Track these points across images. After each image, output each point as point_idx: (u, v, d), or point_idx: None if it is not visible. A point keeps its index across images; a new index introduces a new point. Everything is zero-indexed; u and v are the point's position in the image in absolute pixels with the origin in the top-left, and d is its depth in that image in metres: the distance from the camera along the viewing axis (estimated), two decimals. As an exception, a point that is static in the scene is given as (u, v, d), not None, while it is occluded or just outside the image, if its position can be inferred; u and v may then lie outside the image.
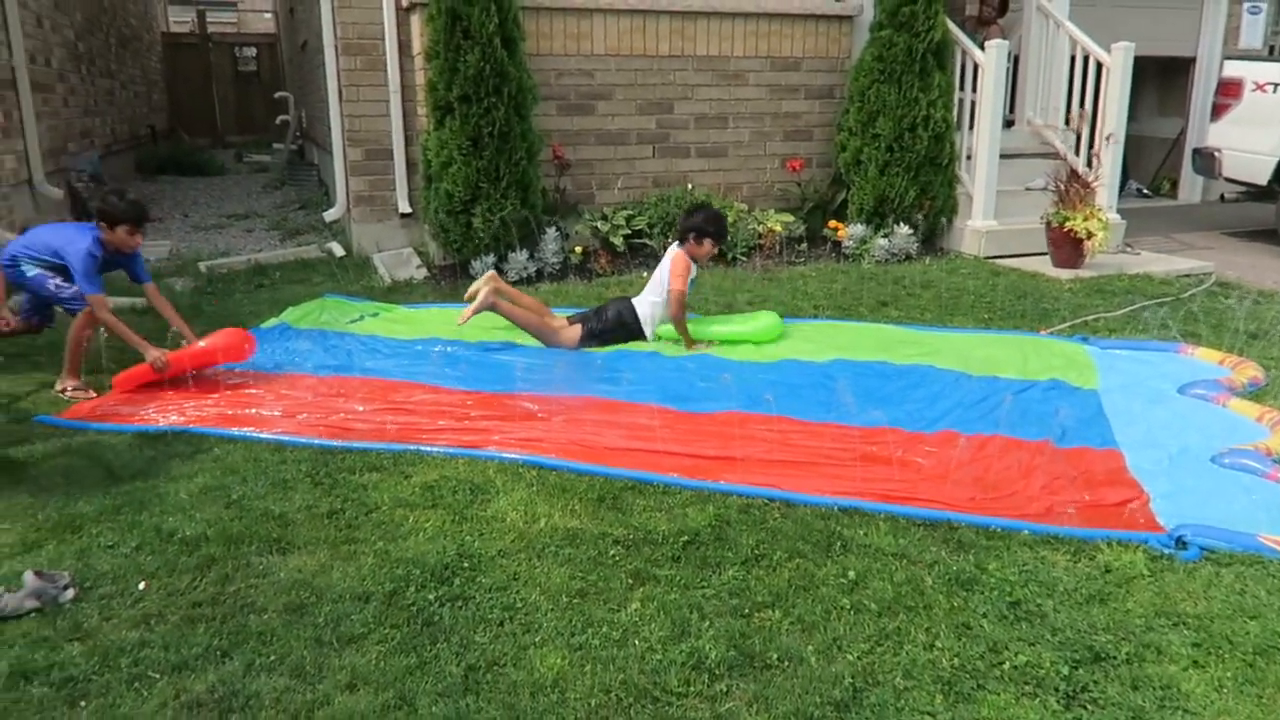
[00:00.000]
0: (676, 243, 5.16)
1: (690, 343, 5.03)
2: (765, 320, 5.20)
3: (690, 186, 7.43)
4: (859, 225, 7.22)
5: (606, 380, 4.49)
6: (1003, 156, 7.26)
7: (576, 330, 5.06)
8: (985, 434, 3.84)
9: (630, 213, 7.05)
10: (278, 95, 13.34)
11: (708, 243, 5.11)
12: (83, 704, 2.33)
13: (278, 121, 12.92)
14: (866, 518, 3.21)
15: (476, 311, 4.99)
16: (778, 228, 7.16)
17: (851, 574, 2.88)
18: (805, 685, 2.40)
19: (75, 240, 4.40)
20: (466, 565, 2.92)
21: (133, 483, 3.48)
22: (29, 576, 2.76)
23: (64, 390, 4.42)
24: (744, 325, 5.23)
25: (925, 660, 2.49)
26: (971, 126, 7.38)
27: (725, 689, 2.40)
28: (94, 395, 4.40)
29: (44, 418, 4.08)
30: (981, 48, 7.19)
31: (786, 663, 2.49)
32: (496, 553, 3.00)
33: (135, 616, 2.68)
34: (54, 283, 4.50)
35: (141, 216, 4.49)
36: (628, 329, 5.09)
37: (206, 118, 16.90)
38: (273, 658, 2.50)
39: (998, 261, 6.99)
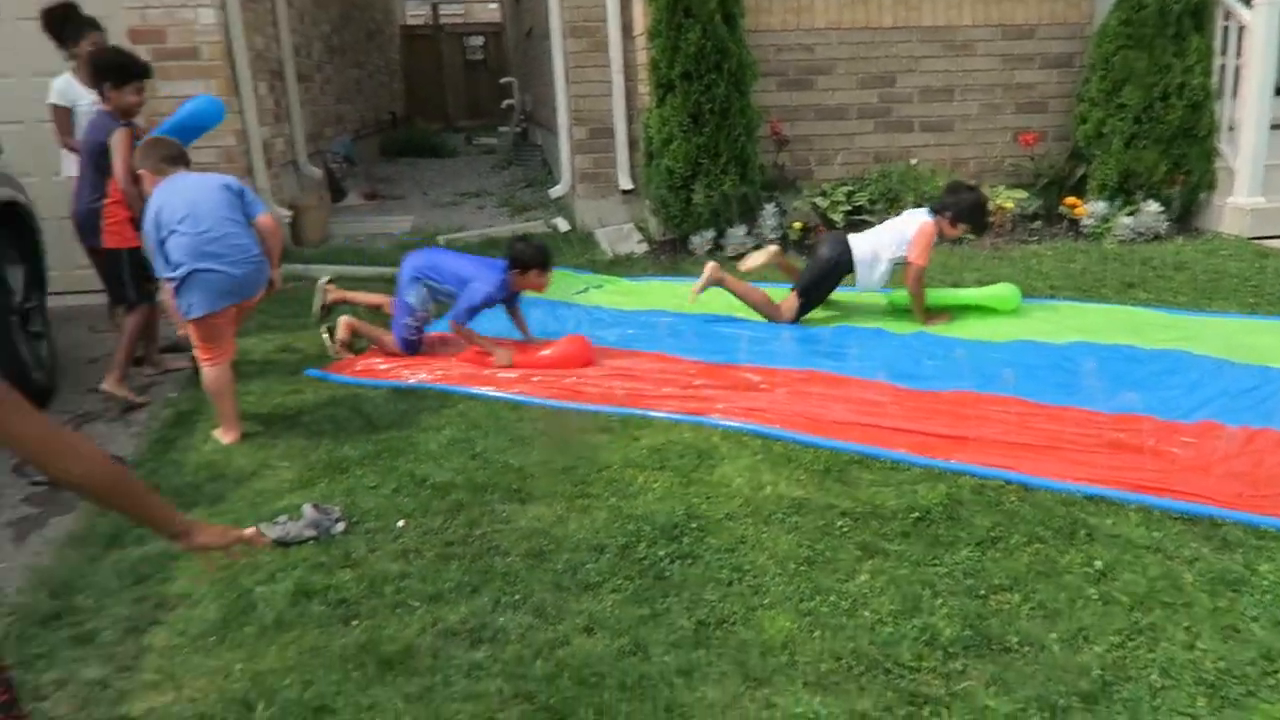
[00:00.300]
0: (928, 211, 4.90)
1: (926, 317, 4.86)
2: (1003, 288, 4.97)
3: (914, 162, 7.18)
4: (1100, 202, 6.72)
5: (831, 355, 4.44)
6: (1274, 127, 6.54)
7: (794, 298, 5.01)
8: (1254, 426, 3.50)
9: (850, 188, 6.91)
10: (503, 81, 14.02)
11: (962, 227, 4.87)
12: (354, 623, 2.58)
13: (503, 105, 13.58)
14: (1114, 507, 3.01)
15: (705, 286, 5.01)
16: (1009, 205, 6.80)
17: (1099, 564, 2.72)
18: (1048, 673, 2.30)
19: (486, 276, 4.50)
20: (695, 526, 2.99)
21: (389, 432, 3.79)
22: (307, 509, 3.08)
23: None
24: (980, 291, 5.02)
25: (1185, 660, 2.32)
26: (1235, 94, 6.68)
27: (961, 668, 2.34)
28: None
29: (312, 371, 4.52)
30: (1248, 5, 6.49)
31: (1027, 648, 2.39)
32: (724, 516, 3.05)
33: (396, 550, 2.93)
34: (405, 320, 4.62)
35: (549, 260, 4.57)
36: (841, 269, 4.91)
37: (438, 104, 18.01)
38: (517, 597, 2.66)
39: (1266, 243, 6.32)
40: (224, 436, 3.79)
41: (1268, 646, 2.35)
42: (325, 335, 4.79)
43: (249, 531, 1.61)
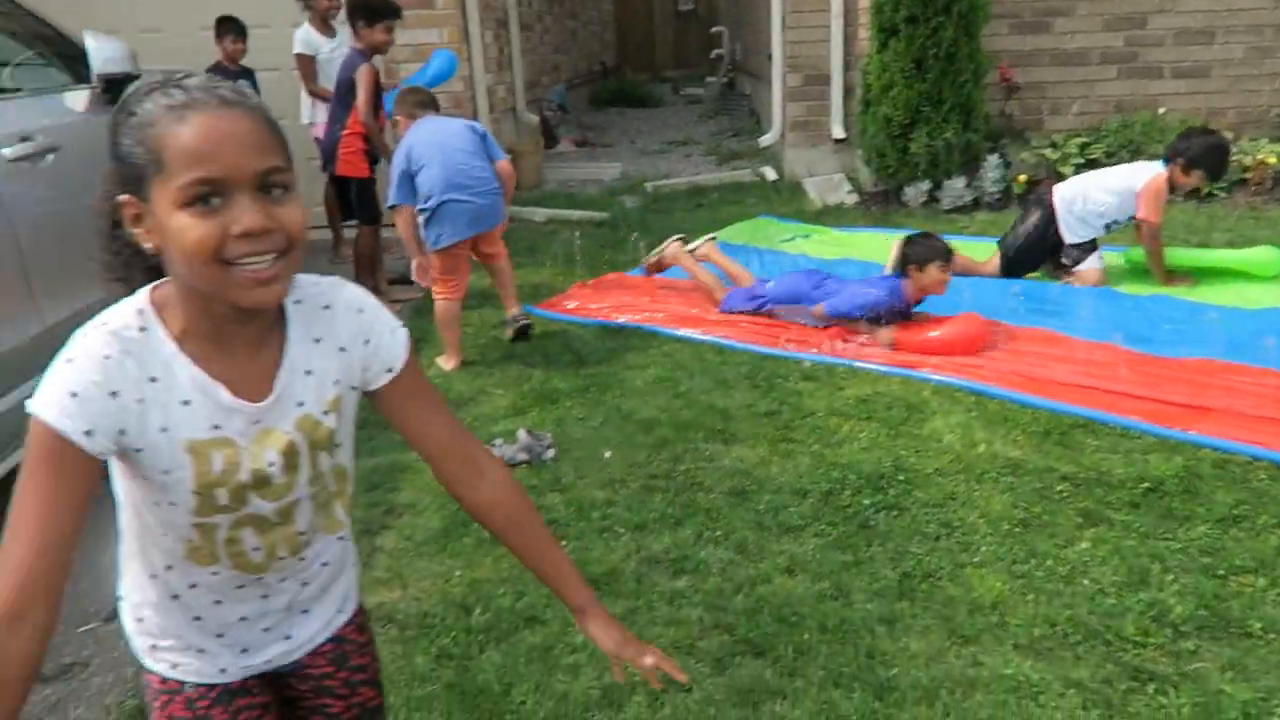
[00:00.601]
0: (1161, 161, 4.47)
1: (1166, 278, 4.46)
2: (1263, 251, 4.48)
3: (1161, 111, 6.55)
4: (1389, 158, 5.90)
5: (1055, 314, 4.17)
6: None
7: (995, 260, 4.73)
8: None
9: (1085, 140, 6.40)
10: (713, 30, 13.89)
11: (1196, 175, 4.39)
12: (562, 543, 2.71)
13: (712, 55, 13.48)
14: (1389, 495, 2.68)
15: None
16: (1272, 160, 6.08)
17: (1366, 554, 2.44)
18: (1298, 663, 2.09)
19: (874, 282, 4.13)
20: (902, 478, 2.91)
21: (597, 368, 3.92)
22: (521, 434, 3.24)
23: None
24: (1234, 254, 4.57)
25: None
26: None
27: (1192, 648, 2.17)
28: None
29: (527, 307, 4.71)
30: None
31: (1272, 635, 2.19)
32: (933, 470, 2.95)
33: (602, 479, 3.04)
34: (749, 305, 4.32)
35: (950, 253, 4.02)
36: (1049, 239, 4.57)
37: (646, 54, 18.08)
38: (719, 532, 2.70)
39: None
40: (446, 364, 4.06)
41: None
42: (678, 242, 4.80)
43: (655, 660, 1.28)
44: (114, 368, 1.02)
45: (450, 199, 3.83)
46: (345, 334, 1.18)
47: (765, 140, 7.67)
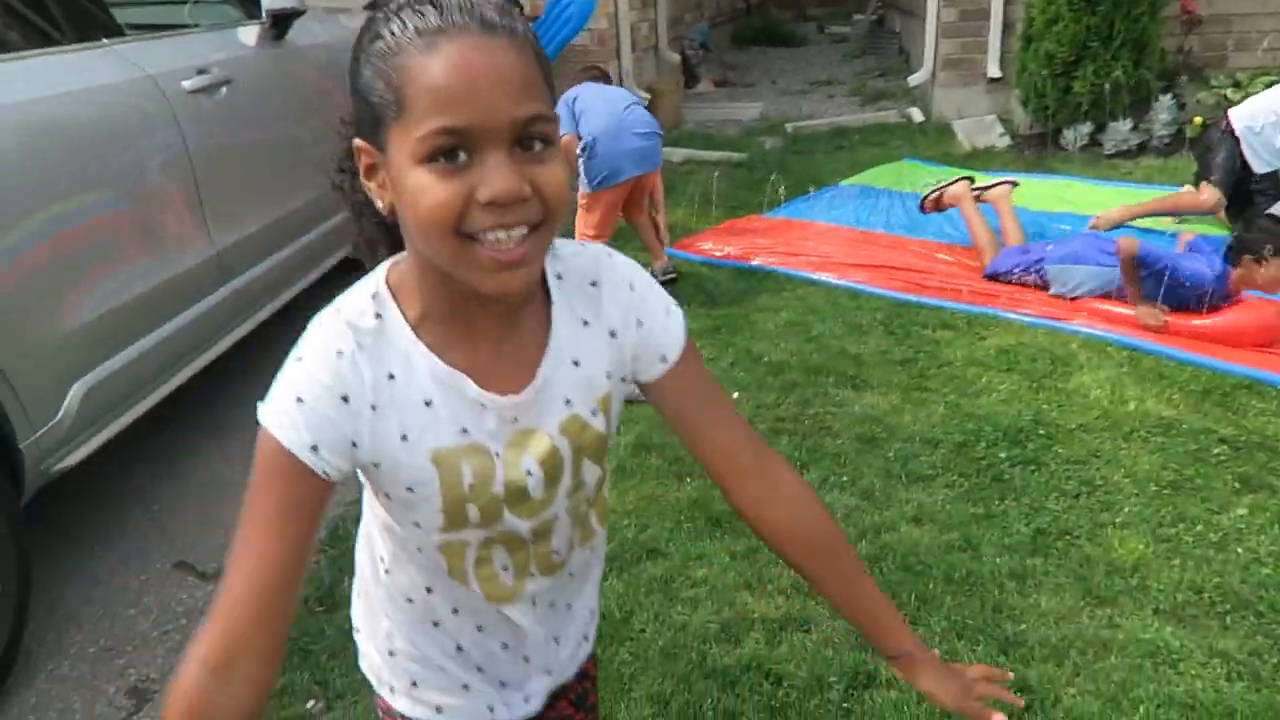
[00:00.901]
0: None
1: None
2: None
3: (1366, 47, 5.91)
4: None
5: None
6: None
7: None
8: None
9: (1274, 79, 5.83)
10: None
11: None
12: (687, 480, 2.74)
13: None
14: None
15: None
16: None
17: None
18: None
19: (1207, 259, 3.55)
20: (1042, 432, 2.80)
21: (729, 309, 3.90)
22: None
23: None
24: None
25: None
26: None
27: (1358, 627, 2.02)
28: None
29: (669, 250, 4.71)
30: None
31: None
32: (1076, 426, 2.82)
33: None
34: (1021, 268, 3.89)
35: None
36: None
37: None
38: (845, 478, 2.67)
39: None
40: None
41: None
42: (964, 181, 4.53)
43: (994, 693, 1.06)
44: (346, 367, 0.84)
45: (616, 142, 3.89)
46: (616, 315, 0.96)
47: (914, 80, 7.34)
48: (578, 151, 3.95)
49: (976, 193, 4.38)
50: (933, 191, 4.57)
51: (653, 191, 4.24)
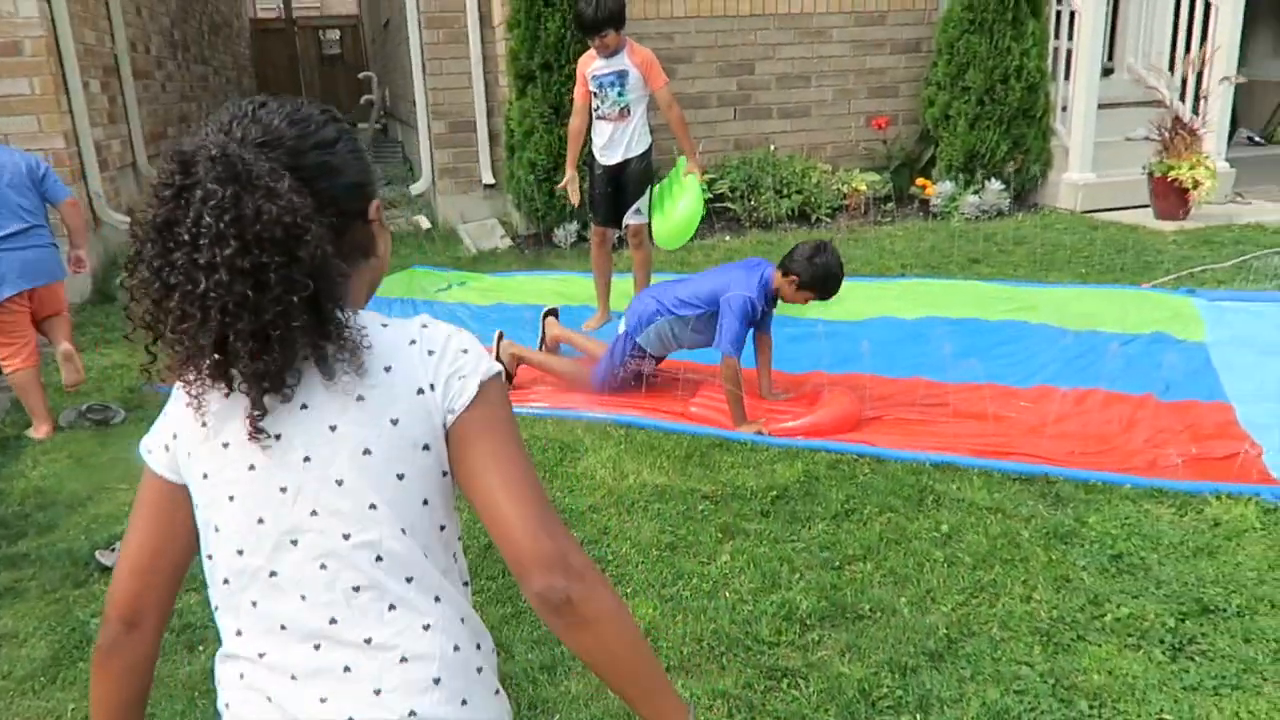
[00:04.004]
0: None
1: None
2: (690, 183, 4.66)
3: (773, 148, 7.33)
4: (948, 182, 7.02)
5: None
6: (1101, 106, 6.95)
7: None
8: (1084, 388, 3.72)
9: (712, 176, 6.99)
10: (361, 75, 13.62)
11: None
12: (200, 649, 2.48)
13: (362, 101, 13.19)
14: (959, 473, 3.15)
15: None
16: (863, 187, 7.02)
17: (944, 528, 2.84)
18: (898, 635, 2.38)
19: (740, 280, 3.66)
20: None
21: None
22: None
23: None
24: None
25: (1022, 612, 2.45)
26: (1067, 76, 7.08)
27: (817, 638, 2.40)
28: None
29: (159, 386, 4.28)
30: (1077, -9, 6.88)
31: (879, 614, 2.48)
32: (587, 507, 3.04)
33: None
34: (620, 374, 3.90)
35: (833, 284, 3.63)
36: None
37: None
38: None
39: (1096, 215, 6.73)
40: (36, 433, 3.80)
41: (1095, 592, 2.50)
42: (553, 318, 4.42)
43: None
44: None
45: None
46: None
47: (416, 188, 7.61)
48: None
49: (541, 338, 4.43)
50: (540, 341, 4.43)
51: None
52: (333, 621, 1.00)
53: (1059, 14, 7.13)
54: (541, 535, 0.98)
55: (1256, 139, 10.38)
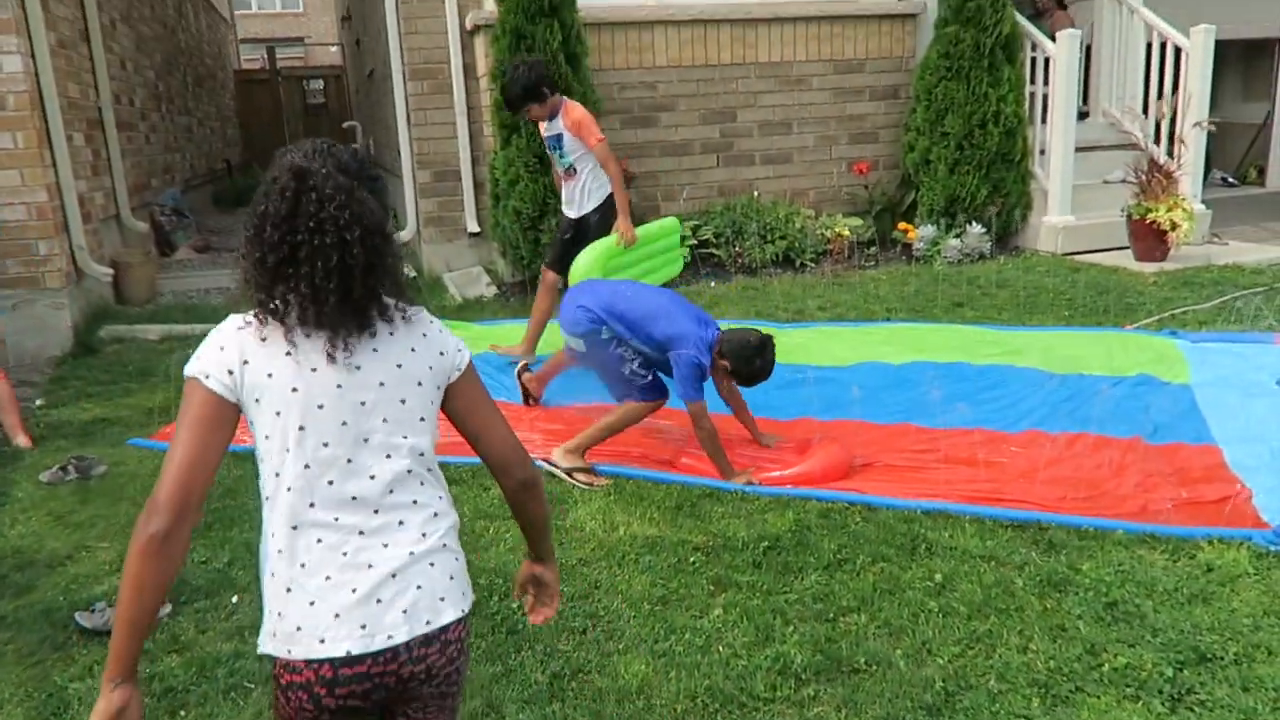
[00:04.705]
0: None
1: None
2: (668, 222, 5.26)
3: (756, 194, 7.39)
4: (929, 226, 7.09)
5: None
6: (1078, 149, 7.07)
7: None
8: (1072, 432, 3.73)
9: (696, 223, 7.04)
10: (346, 125, 13.70)
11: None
12: (183, 713, 2.40)
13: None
14: (951, 520, 3.13)
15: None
16: (846, 232, 7.08)
17: (938, 577, 2.81)
18: (895, 689, 2.35)
19: (689, 335, 3.53)
20: (547, 574, 2.93)
21: (222, 501, 3.57)
22: (129, 591, 2.85)
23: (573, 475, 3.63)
24: (646, 227, 5.13)
25: (1019, 663, 2.42)
26: (1044, 120, 7.20)
27: (813, 694, 2.36)
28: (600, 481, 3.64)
29: (136, 440, 4.23)
30: (1052, 38, 7.02)
31: (874, 667, 2.44)
32: (577, 561, 3.00)
33: (229, 629, 2.75)
34: (630, 368, 3.67)
35: (759, 372, 3.60)
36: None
37: (275, 150, 17.42)
38: (362, 667, 2.53)
39: (1076, 258, 6.80)
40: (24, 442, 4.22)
41: (1091, 642, 2.47)
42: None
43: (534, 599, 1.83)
44: None
45: None
46: None
47: (401, 237, 7.61)
48: None
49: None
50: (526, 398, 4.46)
51: None
52: (390, 492, 1.46)
53: (1034, 60, 7.27)
54: (520, 446, 1.62)
55: (1230, 180, 10.57)
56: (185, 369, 1.43)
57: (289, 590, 1.40)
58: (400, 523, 1.45)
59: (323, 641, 1.38)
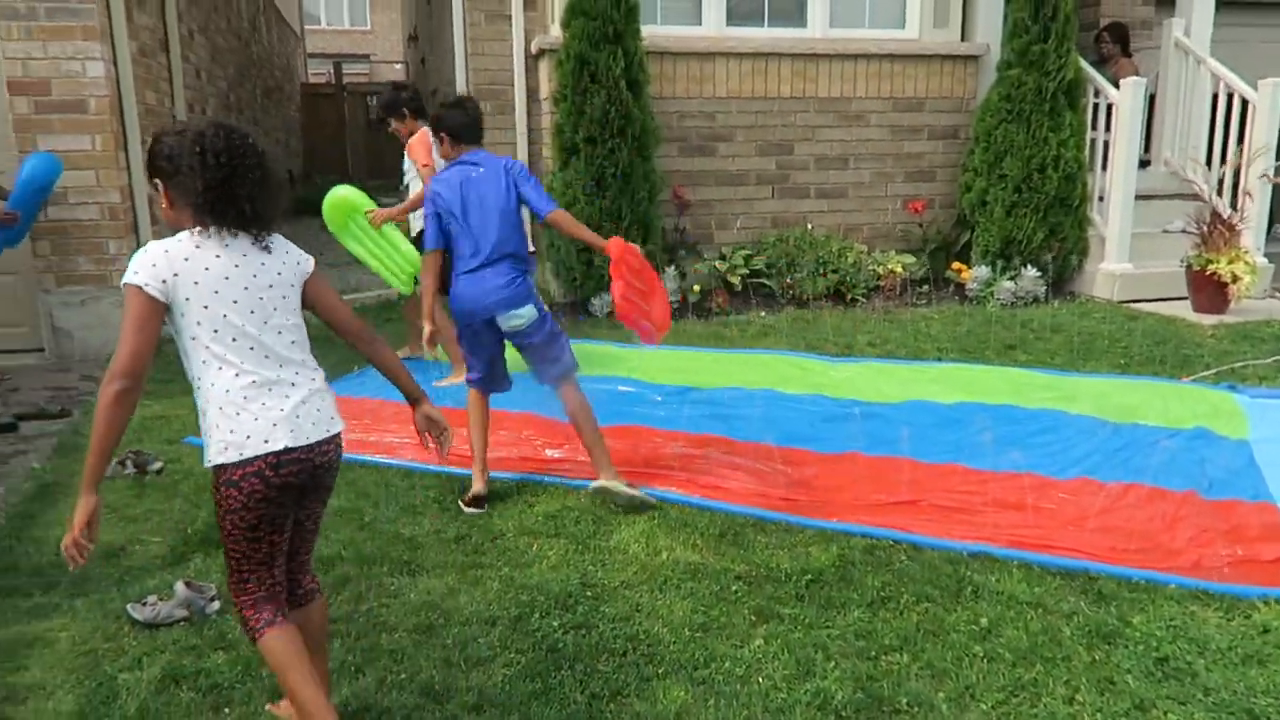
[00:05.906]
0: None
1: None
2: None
3: (810, 227, 7.40)
4: (983, 267, 7.03)
5: (721, 418, 4.46)
6: (1138, 197, 6.98)
7: None
8: (1125, 482, 3.66)
9: (749, 252, 7.06)
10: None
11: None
12: (226, 710, 2.44)
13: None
14: (998, 564, 3.09)
15: None
16: (898, 269, 7.05)
17: (984, 621, 2.77)
18: (937, 733, 2.31)
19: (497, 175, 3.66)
20: (589, 594, 2.94)
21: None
22: (179, 586, 2.92)
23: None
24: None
25: (1065, 714, 2.37)
26: (1104, 167, 7.12)
27: (853, 733, 2.34)
28: None
29: (192, 439, 4.33)
30: (1115, 85, 6.97)
31: (916, 708, 2.41)
32: (619, 584, 3.01)
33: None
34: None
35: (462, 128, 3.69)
36: None
37: (339, 162, 17.79)
38: (403, 675, 2.56)
39: (1133, 306, 6.70)
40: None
41: (1140, 697, 2.42)
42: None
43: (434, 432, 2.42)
44: None
45: None
46: None
47: (457, 253, 7.73)
48: None
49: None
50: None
51: None
52: (290, 351, 2.11)
53: (1096, 105, 7.21)
54: (356, 317, 2.27)
55: (1294, 235, 10.32)
56: (123, 280, 1.96)
57: (238, 414, 2.01)
58: (297, 371, 2.10)
59: (267, 441, 2.01)
